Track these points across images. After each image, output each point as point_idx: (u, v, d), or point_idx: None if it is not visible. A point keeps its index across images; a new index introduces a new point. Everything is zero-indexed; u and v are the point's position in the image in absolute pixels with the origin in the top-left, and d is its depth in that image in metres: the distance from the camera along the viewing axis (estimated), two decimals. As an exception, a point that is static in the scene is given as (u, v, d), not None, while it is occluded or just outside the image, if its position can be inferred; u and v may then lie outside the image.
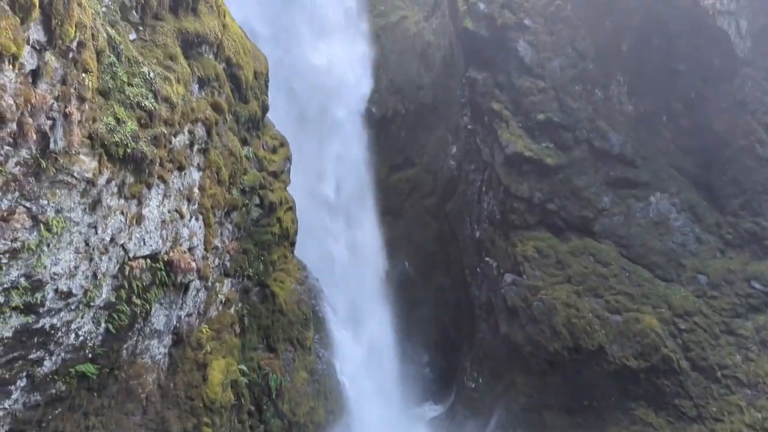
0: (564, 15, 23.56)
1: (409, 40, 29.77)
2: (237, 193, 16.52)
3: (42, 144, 9.32)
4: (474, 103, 24.60)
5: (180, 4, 14.57)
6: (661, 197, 21.86)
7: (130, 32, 13.03)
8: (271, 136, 19.70)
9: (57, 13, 8.95)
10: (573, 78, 23.09)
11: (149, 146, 12.13)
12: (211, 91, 15.63)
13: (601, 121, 22.64)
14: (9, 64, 8.11)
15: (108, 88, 11.51)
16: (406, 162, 28.13)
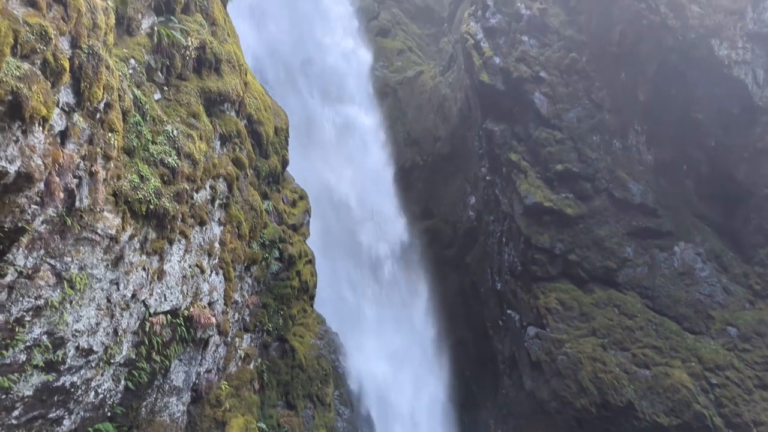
0: (579, 67, 23.83)
1: (426, 94, 30.24)
2: (257, 247, 16.57)
3: (68, 202, 9.47)
4: (492, 154, 24.71)
5: (203, 64, 14.99)
6: (686, 247, 21.53)
7: (155, 92, 13.39)
8: (290, 189, 19.89)
9: (86, 76, 9.23)
10: (590, 128, 23.17)
11: (171, 202, 12.27)
12: (232, 147, 15.90)
13: (621, 171, 22.57)
14: (39, 126, 8.33)
15: (133, 147, 11.76)
16: (424, 213, 28.16)
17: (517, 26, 24.98)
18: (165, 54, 13.64)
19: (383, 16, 33.43)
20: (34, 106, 7.95)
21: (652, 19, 21.50)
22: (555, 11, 24.62)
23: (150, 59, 13.15)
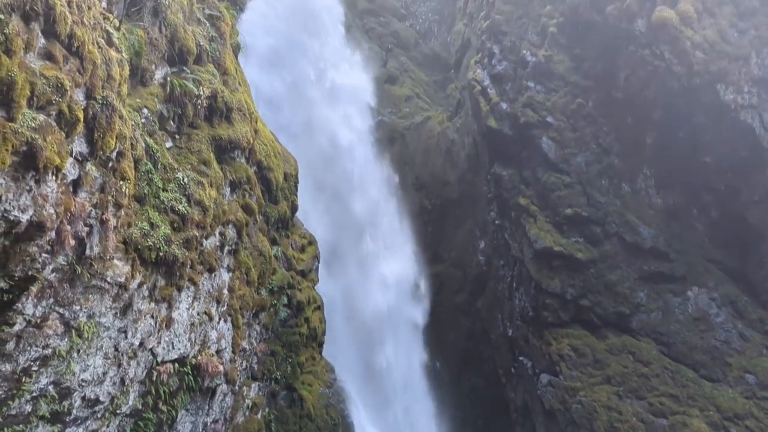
0: (585, 112, 24.03)
1: (434, 139, 30.50)
2: (265, 294, 16.48)
3: (78, 250, 9.48)
4: (500, 199, 24.74)
5: (215, 112, 15.23)
6: (699, 292, 21.23)
7: (167, 140, 13.57)
8: (299, 234, 19.90)
9: (100, 126, 9.37)
10: (599, 172, 23.21)
11: (181, 249, 12.28)
12: (242, 194, 16.00)
13: (631, 215, 22.48)
14: (52, 175, 8.41)
15: (144, 194, 11.85)
16: (434, 257, 28.03)
17: (523, 72, 25.35)
18: (177, 103, 13.88)
19: (391, 65, 34.04)
20: (48, 156, 8.05)
21: (656, 65, 21.75)
22: (560, 58, 24.99)
23: (162, 108, 13.38)
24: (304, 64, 27.93)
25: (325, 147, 26.74)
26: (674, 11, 21.32)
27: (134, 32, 12.50)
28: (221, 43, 16.70)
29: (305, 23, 28.79)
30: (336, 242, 24.11)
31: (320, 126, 26.94)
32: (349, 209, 26.00)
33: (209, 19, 16.57)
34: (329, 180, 25.92)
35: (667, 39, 21.35)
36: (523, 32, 26.19)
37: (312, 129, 26.58)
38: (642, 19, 22.01)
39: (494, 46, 26.29)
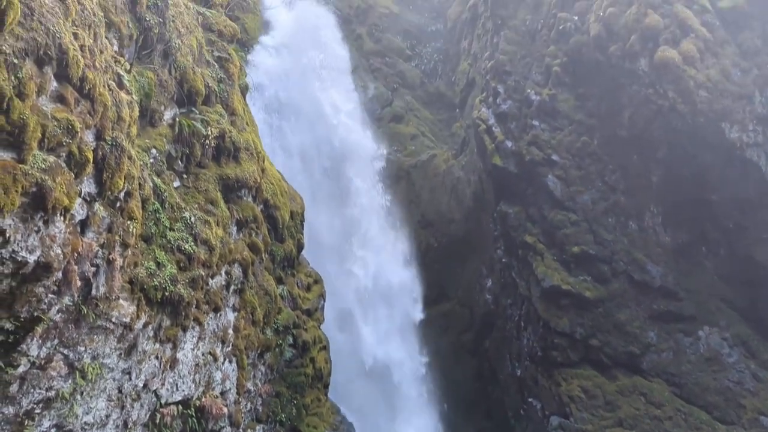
0: (590, 150, 24.13)
1: (440, 177, 30.60)
2: (271, 333, 16.34)
3: (84, 290, 9.46)
4: (507, 237, 24.67)
5: (222, 152, 15.36)
6: (710, 331, 20.94)
7: (175, 180, 13.66)
8: (305, 273, 19.83)
9: (108, 167, 9.45)
10: (605, 210, 23.17)
11: (187, 289, 12.24)
12: (248, 233, 16.01)
13: (638, 253, 22.34)
14: (60, 216, 8.45)
15: (151, 234, 11.87)
16: (440, 296, 27.81)
17: (527, 111, 25.56)
18: (185, 143, 14.02)
19: (396, 104, 34.40)
20: (57, 197, 8.10)
21: (660, 104, 21.90)
22: (564, 97, 25.21)
23: (171, 148, 13.51)
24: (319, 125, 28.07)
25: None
26: (677, 51, 21.57)
27: (145, 74, 12.71)
28: (229, 84, 16.96)
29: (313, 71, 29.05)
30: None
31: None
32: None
33: (218, 61, 16.86)
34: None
35: (671, 78, 21.56)
36: (527, 72, 26.50)
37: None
38: (645, 59, 22.27)
39: (498, 85, 26.59)
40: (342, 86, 30.60)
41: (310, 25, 30.67)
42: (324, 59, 30.15)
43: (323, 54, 30.24)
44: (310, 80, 28.77)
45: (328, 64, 30.38)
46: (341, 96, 30.00)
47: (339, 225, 26.10)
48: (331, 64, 30.53)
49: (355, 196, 27.43)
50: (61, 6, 8.49)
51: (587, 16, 24.54)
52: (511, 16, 27.36)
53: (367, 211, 27.44)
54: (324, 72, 29.52)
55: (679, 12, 21.93)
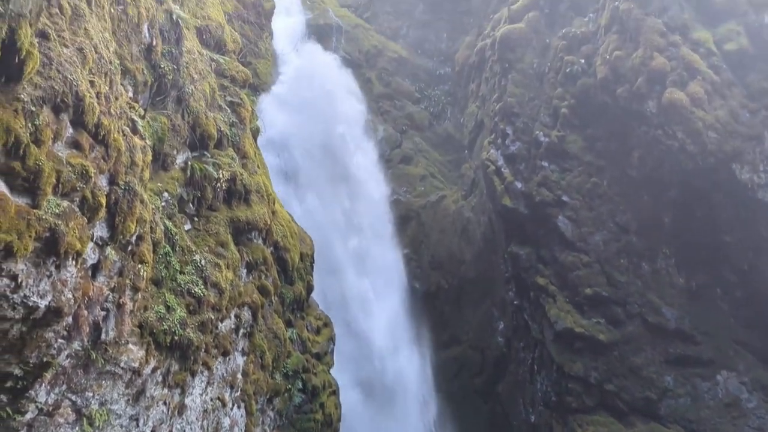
0: (601, 191, 24.10)
1: (449, 218, 30.60)
2: (280, 378, 16.13)
3: (94, 335, 9.40)
4: (518, 278, 24.47)
5: (233, 195, 15.45)
6: (729, 376, 20.47)
7: (186, 223, 13.72)
8: (315, 316, 19.69)
9: (121, 211, 9.50)
10: (617, 251, 22.99)
11: (196, 333, 12.15)
12: (258, 275, 15.96)
13: (653, 295, 22.06)
14: (72, 260, 8.45)
15: (161, 277, 11.86)
16: (452, 339, 27.47)
17: (536, 152, 25.68)
18: (197, 186, 14.13)
19: (406, 145, 34.69)
20: (70, 242, 8.12)
21: (669, 145, 21.95)
22: (573, 138, 25.33)
23: (182, 192, 13.61)
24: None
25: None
26: (684, 93, 21.72)
27: (158, 119, 12.91)
28: (241, 128, 17.18)
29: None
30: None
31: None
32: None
33: (230, 105, 17.12)
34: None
35: (679, 119, 21.64)
36: (535, 113, 26.73)
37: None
38: (652, 101, 22.41)
39: (507, 127, 26.80)
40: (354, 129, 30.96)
41: (320, 69, 31.23)
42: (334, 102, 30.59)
43: (333, 97, 30.69)
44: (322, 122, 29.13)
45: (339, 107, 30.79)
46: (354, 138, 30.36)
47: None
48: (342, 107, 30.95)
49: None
50: (79, 55, 8.68)
51: (594, 60, 24.85)
52: (518, 60, 27.75)
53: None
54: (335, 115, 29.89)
55: (685, 55, 22.17)
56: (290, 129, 27.24)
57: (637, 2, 23.30)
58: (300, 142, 27.68)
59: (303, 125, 27.90)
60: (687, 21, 22.89)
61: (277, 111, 26.83)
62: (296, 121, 27.60)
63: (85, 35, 9.03)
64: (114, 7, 11.29)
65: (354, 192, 28.87)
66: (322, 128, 28.78)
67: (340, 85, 31.78)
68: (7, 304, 7.53)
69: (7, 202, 7.21)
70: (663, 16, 22.97)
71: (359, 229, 27.64)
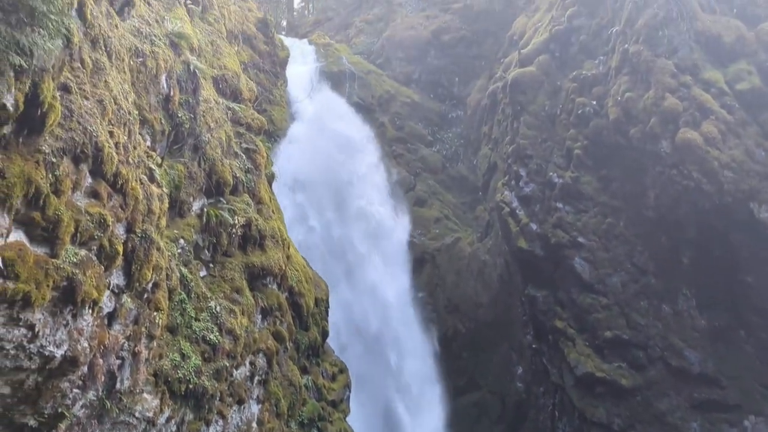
0: (617, 232, 23.88)
1: (465, 260, 30.41)
2: (295, 427, 15.84)
3: (109, 384, 9.35)
4: (536, 321, 24.11)
5: (248, 240, 15.52)
6: (757, 421, 19.79)
7: (201, 269, 13.76)
8: (330, 362, 19.46)
9: (138, 259, 9.56)
10: (636, 293, 22.62)
11: (211, 380, 12.05)
12: (273, 321, 15.89)
13: (674, 338, 21.58)
14: (89, 309, 8.47)
15: (176, 324, 11.84)
16: (470, 384, 26.93)
17: (551, 194, 25.62)
18: (212, 233, 14.23)
19: (419, 188, 34.82)
20: (87, 291, 8.15)
21: (685, 184, 21.80)
22: (587, 179, 25.27)
23: (198, 238, 13.70)
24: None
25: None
26: (698, 132, 21.68)
27: (175, 167, 13.10)
28: (256, 174, 17.38)
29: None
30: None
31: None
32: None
33: (246, 152, 17.37)
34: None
35: (694, 159, 21.55)
36: (548, 155, 26.77)
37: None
38: (666, 141, 22.39)
39: (520, 168, 26.84)
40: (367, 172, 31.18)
41: (334, 114, 31.69)
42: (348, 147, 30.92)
43: (347, 142, 31.04)
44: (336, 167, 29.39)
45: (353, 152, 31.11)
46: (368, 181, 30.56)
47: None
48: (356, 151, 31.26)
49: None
50: (99, 106, 8.89)
51: (605, 101, 24.99)
52: (529, 102, 27.98)
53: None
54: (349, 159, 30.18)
55: (697, 95, 22.22)
56: (304, 174, 27.51)
57: (647, 44, 23.52)
58: (314, 186, 27.90)
59: (317, 169, 28.17)
60: (697, 61, 23.03)
61: (291, 156, 27.14)
62: (310, 165, 27.88)
63: (105, 87, 9.27)
64: (133, 60, 11.62)
65: (368, 234, 28.87)
66: (335, 172, 29.04)
67: (353, 130, 32.16)
68: (24, 354, 7.54)
69: (27, 252, 7.28)
70: (673, 57, 23.13)
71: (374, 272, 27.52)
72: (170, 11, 15.30)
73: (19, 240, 7.29)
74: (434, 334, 27.46)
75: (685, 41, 23.30)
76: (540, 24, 30.54)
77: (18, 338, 7.36)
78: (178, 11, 15.82)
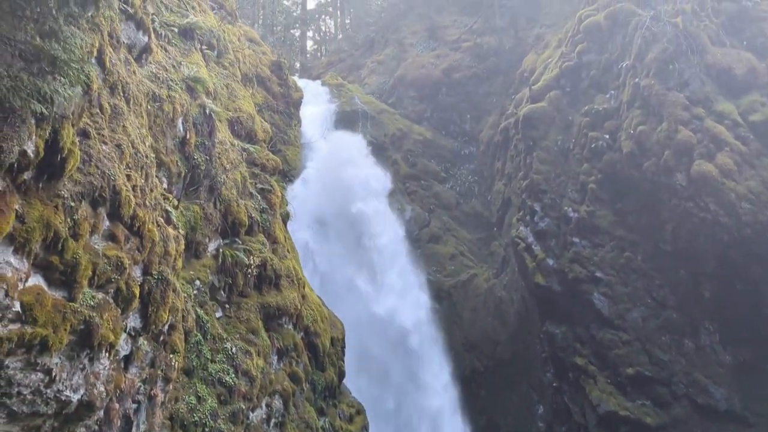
0: (635, 266, 23.59)
1: (481, 297, 30.13)
2: (313, 469, 15.55)
3: (125, 429, 9.27)
4: (556, 359, 23.67)
5: (264, 280, 15.53)
6: (788, 459, 19.13)
7: (217, 310, 13.75)
8: (347, 403, 19.17)
9: (154, 301, 9.57)
10: (657, 328, 22.18)
11: (227, 423, 11.91)
12: (289, 362, 15.75)
13: (698, 374, 21.04)
14: (106, 353, 8.46)
15: (192, 366, 11.78)
16: (489, 424, 26.34)
17: (566, 228, 25.46)
18: (228, 273, 14.25)
19: (434, 224, 34.80)
20: (104, 334, 8.15)
21: (702, 217, 21.57)
22: (602, 213, 25.11)
23: (214, 279, 13.72)
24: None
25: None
26: (713, 165, 21.55)
27: (191, 209, 13.23)
28: (271, 213, 17.49)
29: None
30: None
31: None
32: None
33: (261, 192, 17.52)
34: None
35: (710, 191, 21.37)
36: (562, 189, 26.71)
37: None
38: (681, 174, 22.25)
39: (535, 203, 26.78)
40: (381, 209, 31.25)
41: (347, 153, 31.97)
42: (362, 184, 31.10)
43: (361, 180, 31.24)
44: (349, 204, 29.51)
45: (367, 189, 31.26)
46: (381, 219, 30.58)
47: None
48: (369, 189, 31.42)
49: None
50: (117, 151, 9.05)
51: (618, 135, 24.99)
52: (542, 137, 28.08)
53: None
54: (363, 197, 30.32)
55: (710, 127, 22.17)
56: (319, 211, 27.64)
57: (658, 78, 23.61)
58: (328, 223, 27.99)
59: (331, 208, 28.31)
60: (709, 94, 23.05)
61: (306, 195, 27.32)
62: (324, 204, 28.04)
63: (123, 132, 9.45)
64: (151, 104, 11.87)
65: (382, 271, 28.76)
66: (349, 210, 29.14)
67: (367, 168, 32.39)
68: (41, 399, 7.50)
69: (45, 296, 7.32)
70: (684, 90, 23.18)
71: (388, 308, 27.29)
72: (187, 56, 15.68)
73: (38, 284, 7.34)
74: (452, 372, 27.02)
75: (696, 74, 23.36)
76: (550, 60, 30.86)
77: (35, 383, 7.34)
78: (194, 56, 16.20)
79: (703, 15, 24.75)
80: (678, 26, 24.14)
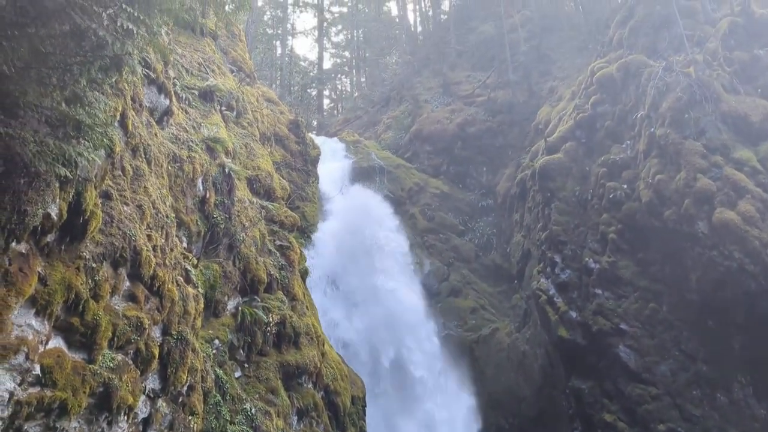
0: (661, 317, 23.02)
1: (504, 352, 29.52)
2: None
3: (141, 495, 9.02)
4: (583, 415, 22.88)
5: (283, 338, 15.37)
6: None
7: (236, 370, 13.57)
8: (369, 465, 18.60)
9: (173, 361, 9.48)
10: (688, 382, 21.43)
11: (246, 488, 11.56)
12: (309, 422, 15.40)
13: (733, 429, 20.12)
14: (124, 415, 8.34)
15: (211, 428, 11.54)
16: (517, 486, 25.41)
17: (588, 280, 25.08)
18: (247, 332, 14.14)
19: (453, 278, 34.51)
20: (122, 396, 8.06)
21: (728, 266, 21.13)
22: (624, 263, 24.73)
23: (233, 338, 13.61)
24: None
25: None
26: (735, 212, 21.25)
27: (210, 267, 13.26)
28: (290, 270, 17.47)
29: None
30: None
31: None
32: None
33: (279, 249, 17.57)
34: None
35: (734, 239, 21.00)
36: (582, 240, 26.45)
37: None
38: (702, 222, 21.96)
39: (555, 255, 26.51)
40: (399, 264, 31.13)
41: (365, 208, 32.18)
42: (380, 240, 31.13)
43: (379, 235, 31.28)
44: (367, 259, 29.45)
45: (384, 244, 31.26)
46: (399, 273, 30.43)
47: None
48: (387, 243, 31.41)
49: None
50: (138, 211, 9.16)
51: (636, 184, 24.87)
52: (559, 188, 28.04)
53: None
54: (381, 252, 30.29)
55: (729, 174, 21.98)
56: (337, 267, 27.60)
57: (673, 127, 23.64)
58: (346, 279, 27.88)
59: (349, 263, 28.26)
60: (726, 141, 22.97)
61: (324, 250, 27.35)
62: (343, 260, 28.02)
63: (144, 193, 9.59)
64: (171, 165, 12.08)
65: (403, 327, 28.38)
66: (367, 265, 29.07)
67: (384, 223, 32.50)
68: (57, 465, 7.36)
69: (65, 359, 7.29)
70: (701, 138, 23.14)
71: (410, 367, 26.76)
72: (207, 118, 16.07)
73: (58, 346, 7.32)
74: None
75: (711, 122, 23.36)
76: (564, 112, 31.13)
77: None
78: (214, 118, 16.60)
79: (716, 64, 24.95)
80: (691, 76, 24.31)
